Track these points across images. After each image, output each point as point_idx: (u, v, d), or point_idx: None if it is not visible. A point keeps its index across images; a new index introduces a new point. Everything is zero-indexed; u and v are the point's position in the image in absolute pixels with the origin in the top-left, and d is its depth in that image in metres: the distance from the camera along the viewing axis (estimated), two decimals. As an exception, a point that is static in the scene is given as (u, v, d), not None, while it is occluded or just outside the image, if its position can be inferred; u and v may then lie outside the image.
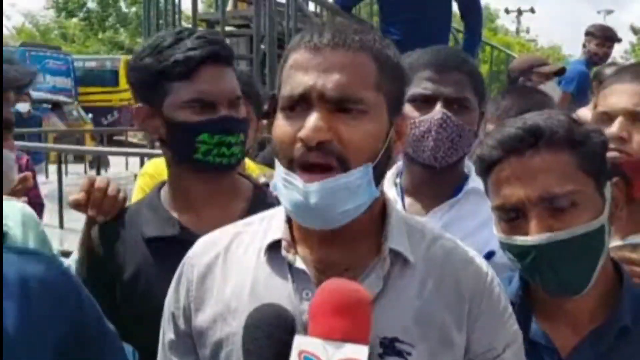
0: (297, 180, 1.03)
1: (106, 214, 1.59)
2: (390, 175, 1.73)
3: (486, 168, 1.27)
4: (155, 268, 1.51)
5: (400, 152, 1.17)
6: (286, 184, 1.05)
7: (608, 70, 3.51)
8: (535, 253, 1.20)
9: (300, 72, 1.04)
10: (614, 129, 1.55)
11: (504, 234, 1.25)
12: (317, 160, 1.02)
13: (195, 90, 1.48)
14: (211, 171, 1.55)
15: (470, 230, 1.60)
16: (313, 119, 1.01)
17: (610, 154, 1.43)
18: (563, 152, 1.22)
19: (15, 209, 1.72)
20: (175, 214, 1.56)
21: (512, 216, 1.23)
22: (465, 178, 1.75)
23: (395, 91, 1.10)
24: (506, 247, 1.26)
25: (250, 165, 2.31)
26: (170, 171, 1.60)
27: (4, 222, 1.54)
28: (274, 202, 1.45)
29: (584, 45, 5.36)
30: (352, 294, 0.97)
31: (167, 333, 1.23)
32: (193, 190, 1.57)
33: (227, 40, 2.98)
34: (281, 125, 1.06)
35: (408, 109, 1.64)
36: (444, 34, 4.56)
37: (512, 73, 4.22)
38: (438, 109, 1.65)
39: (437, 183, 1.73)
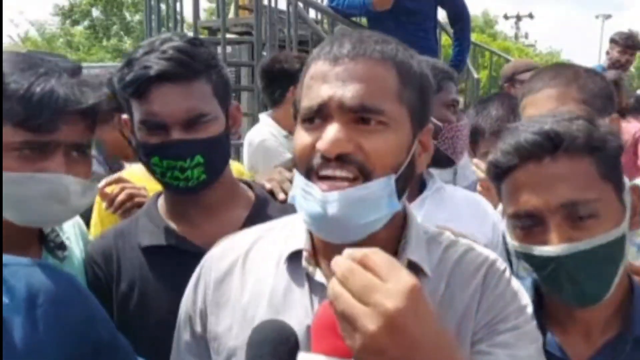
0: (315, 190, 1.00)
1: (122, 209, 1.65)
2: None
3: (501, 174, 1.22)
4: (151, 277, 1.50)
5: (425, 166, 1.14)
6: (305, 195, 1.03)
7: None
8: (555, 264, 1.16)
9: (319, 83, 1.03)
10: None
11: (520, 242, 1.21)
12: (337, 173, 0.99)
13: (145, 111, 1.43)
14: (175, 193, 1.51)
15: (444, 221, 1.63)
16: (332, 130, 0.99)
17: None
18: (583, 158, 1.17)
19: (70, 225, 1.64)
20: (172, 223, 1.54)
21: (529, 224, 1.19)
22: (422, 175, 1.86)
23: (419, 103, 1.07)
24: (522, 256, 1.22)
25: (239, 168, 2.26)
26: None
27: (64, 236, 1.53)
28: (273, 215, 1.44)
29: (607, 52, 5.52)
30: None
31: (182, 334, 1.22)
32: (181, 203, 1.55)
33: (229, 48, 3.01)
34: (301, 137, 1.04)
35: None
36: (431, 40, 4.64)
37: (500, 80, 4.28)
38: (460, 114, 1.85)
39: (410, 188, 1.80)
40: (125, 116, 1.53)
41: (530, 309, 1.11)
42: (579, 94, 1.68)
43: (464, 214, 1.81)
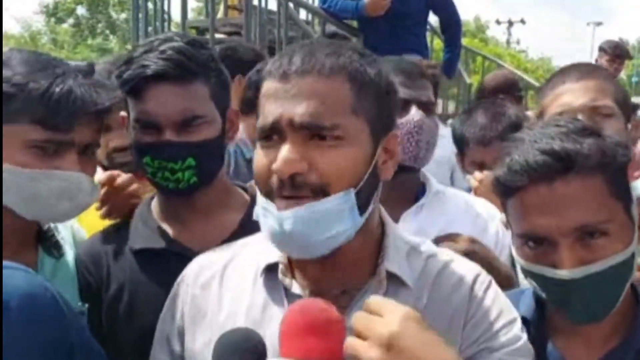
0: (272, 208, 1.00)
1: (114, 213, 1.60)
2: None
3: (508, 192, 1.19)
4: (141, 280, 1.48)
5: (392, 174, 1.11)
6: (264, 212, 1.02)
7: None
8: (567, 286, 1.13)
9: (271, 101, 1.01)
10: None
11: (529, 261, 1.18)
12: (291, 194, 0.98)
13: (140, 110, 1.42)
14: (165, 194, 1.50)
15: (443, 228, 1.66)
16: (284, 151, 0.97)
17: None
18: (594, 178, 1.14)
19: (65, 227, 1.65)
20: (165, 226, 1.52)
21: (538, 243, 1.16)
22: (419, 180, 1.83)
23: (379, 112, 1.04)
24: (530, 275, 1.19)
25: None
26: None
27: (58, 236, 1.54)
28: None
29: (596, 60, 5.53)
30: (321, 314, 0.93)
31: (158, 355, 1.20)
32: (174, 205, 1.53)
33: (218, 49, 2.93)
34: (259, 157, 1.03)
35: None
36: (422, 44, 4.67)
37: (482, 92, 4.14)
38: (414, 112, 1.73)
39: (403, 188, 1.75)
40: (123, 113, 1.53)
41: (519, 323, 1.11)
42: (615, 92, 1.68)
43: (464, 219, 1.77)
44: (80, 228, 1.70)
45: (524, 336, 1.09)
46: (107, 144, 1.95)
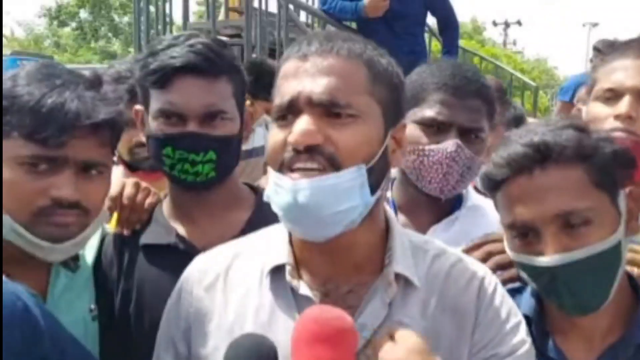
0: (285, 181, 1.00)
1: (132, 226, 1.56)
2: None
3: (494, 186, 1.23)
4: (148, 276, 1.49)
5: (401, 163, 1.13)
6: (277, 188, 1.02)
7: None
8: (551, 274, 1.16)
9: (289, 80, 1.03)
10: (622, 108, 1.48)
11: (517, 252, 1.21)
12: (307, 164, 0.99)
13: (165, 101, 1.42)
14: (181, 187, 1.50)
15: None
16: (301, 123, 0.99)
17: (617, 134, 1.37)
18: (573, 167, 1.17)
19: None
20: (174, 224, 1.54)
21: (524, 233, 1.19)
22: (460, 194, 1.67)
23: (391, 100, 1.07)
24: (520, 266, 1.22)
25: None
26: (169, 182, 1.57)
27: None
28: (274, 219, 1.44)
29: (591, 60, 5.51)
30: (335, 322, 0.94)
31: (163, 356, 1.19)
32: (184, 202, 1.54)
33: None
34: (274, 134, 1.04)
35: (416, 131, 1.55)
36: (420, 44, 4.68)
37: None
38: (452, 141, 1.52)
39: (435, 204, 1.64)
40: (138, 107, 1.53)
41: (524, 325, 1.12)
42: None
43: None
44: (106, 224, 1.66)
45: (529, 340, 1.11)
46: (130, 139, 1.93)
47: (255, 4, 5.47)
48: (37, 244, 1.26)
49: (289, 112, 1.02)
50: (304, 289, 1.08)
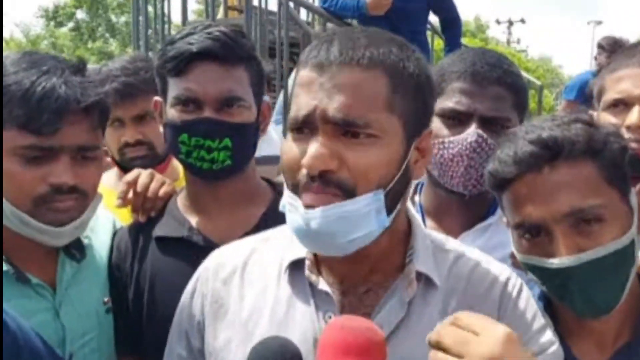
0: (299, 204, 0.97)
1: (147, 213, 1.57)
2: None
3: (500, 185, 1.19)
4: (161, 268, 1.49)
5: (424, 172, 1.09)
6: (290, 208, 0.99)
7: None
8: (564, 276, 1.11)
9: (305, 92, 0.98)
10: (633, 118, 1.46)
11: (526, 254, 1.17)
12: (319, 192, 0.95)
13: (182, 87, 1.42)
14: (197, 176, 1.49)
15: (505, 258, 1.31)
16: (315, 146, 0.95)
17: (631, 146, 1.34)
18: (583, 163, 1.13)
19: (108, 219, 1.65)
20: (188, 217, 1.53)
21: (534, 234, 1.15)
22: (491, 195, 1.53)
23: (415, 109, 1.01)
24: (529, 267, 1.18)
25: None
26: (184, 173, 1.57)
27: (85, 233, 1.49)
28: None
29: (595, 58, 5.51)
30: (364, 334, 0.89)
31: (175, 348, 1.18)
32: (200, 193, 1.53)
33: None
34: (289, 147, 1.00)
35: (437, 124, 1.45)
36: (422, 42, 4.65)
37: None
38: (472, 130, 1.42)
39: (466, 208, 1.54)
40: (158, 98, 1.53)
41: (550, 328, 1.10)
42: None
43: None
44: (118, 221, 1.68)
45: (557, 341, 1.08)
46: (119, 139, 1.95)
47: (255, 2, 5.43)
48: (44, 230, 1.30)
49: (304, 126, 0.98)
50: (322, 284, 1.06)
